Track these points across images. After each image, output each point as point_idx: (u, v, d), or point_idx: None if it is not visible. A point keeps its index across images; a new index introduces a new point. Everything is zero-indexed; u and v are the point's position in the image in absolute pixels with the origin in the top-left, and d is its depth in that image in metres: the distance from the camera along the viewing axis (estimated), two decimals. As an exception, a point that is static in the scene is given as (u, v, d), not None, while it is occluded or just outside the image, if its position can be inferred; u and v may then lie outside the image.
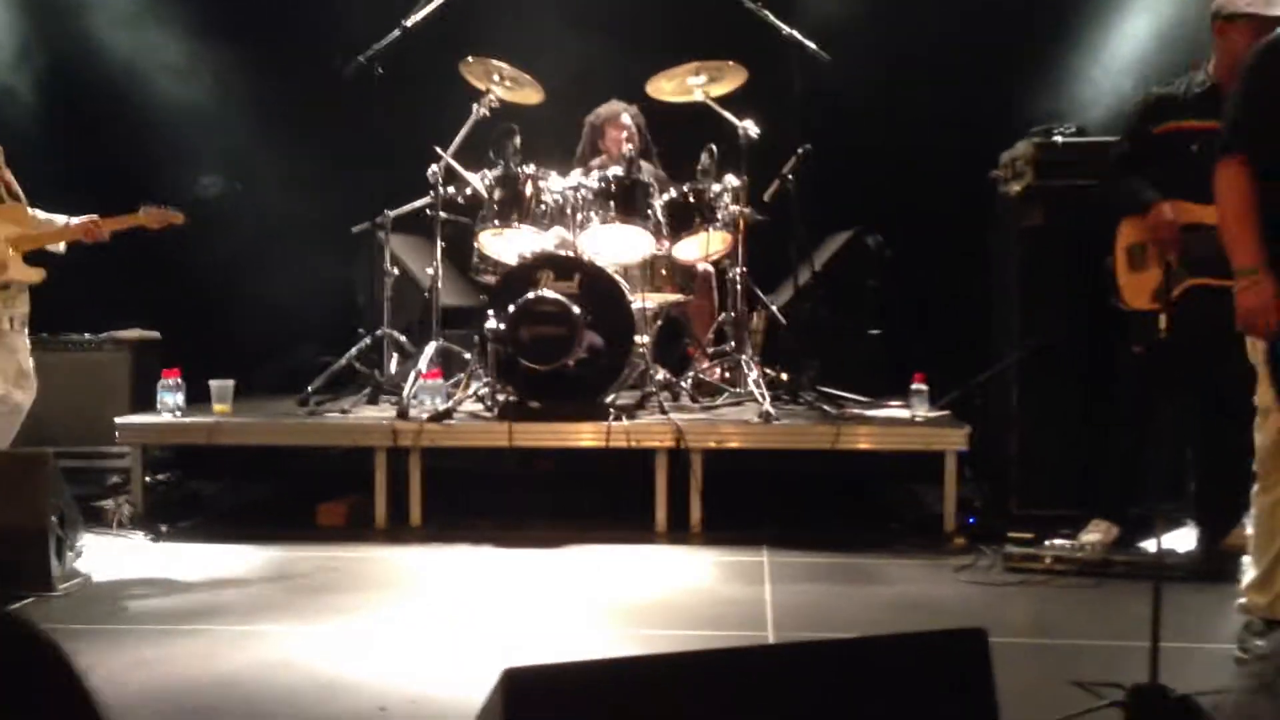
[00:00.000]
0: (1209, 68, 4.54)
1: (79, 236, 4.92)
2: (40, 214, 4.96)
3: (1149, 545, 4.39)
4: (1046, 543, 4.48)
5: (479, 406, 5.42)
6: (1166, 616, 2.87)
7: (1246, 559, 3.53)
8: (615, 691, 1.56)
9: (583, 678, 1.56)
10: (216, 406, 5.50)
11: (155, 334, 6.12)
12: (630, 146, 5.65)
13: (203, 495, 5.76)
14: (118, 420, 5.35)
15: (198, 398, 5.55)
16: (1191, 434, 4.69)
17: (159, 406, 5.41)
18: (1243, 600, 3.45)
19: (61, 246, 4.98)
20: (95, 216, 4.94)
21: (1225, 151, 3.36)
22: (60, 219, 4.97)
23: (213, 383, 5.51)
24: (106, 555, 4.64)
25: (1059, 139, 5.15)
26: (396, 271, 5.90)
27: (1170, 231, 4.43)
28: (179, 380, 5.43)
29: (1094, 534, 4.61)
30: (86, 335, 5.88)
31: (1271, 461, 3.36)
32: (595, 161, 6.02)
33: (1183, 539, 4.51)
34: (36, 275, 4.86)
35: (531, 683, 1.48)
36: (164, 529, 5.06)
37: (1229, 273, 3.82)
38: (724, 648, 1.59)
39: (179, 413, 5.39)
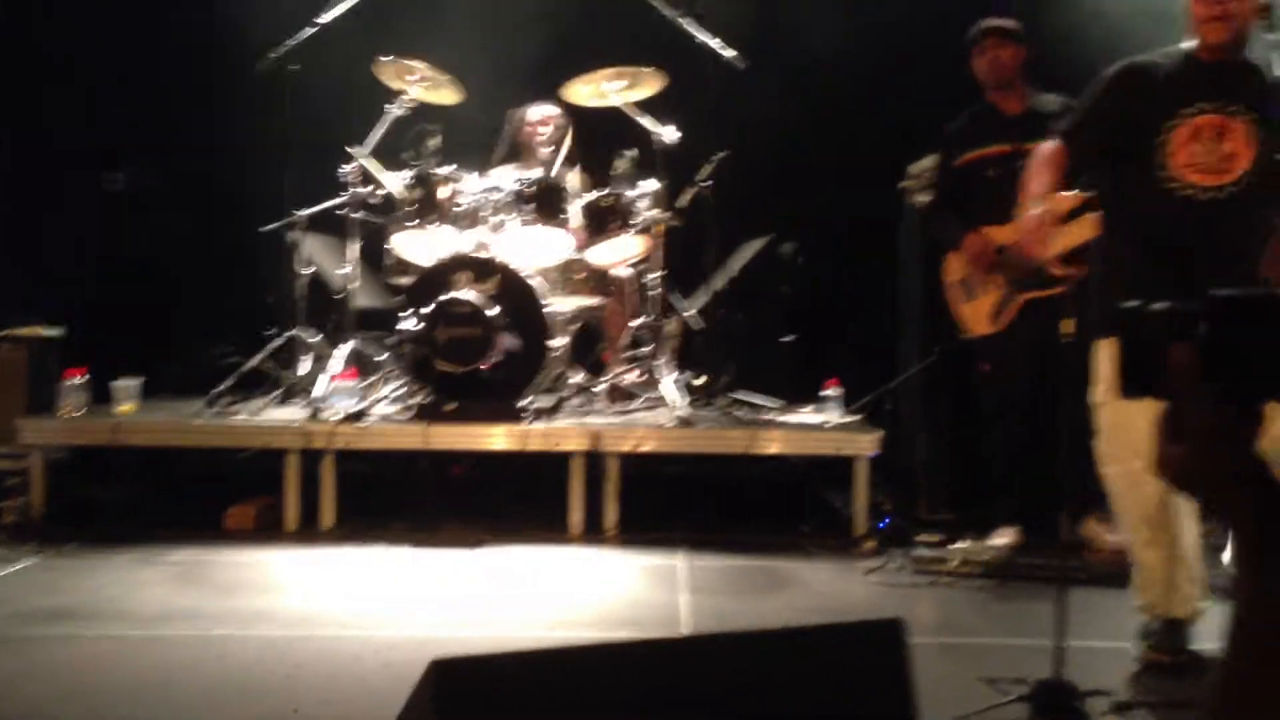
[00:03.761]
0: (986, 96, 4.84)
1: None
2: None
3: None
4: (954, 545, 4.58)
5: (393, 409, 5.37)
6: (1070, 616, 2.96)
7: None
8: (543, 680, 1.56)
9: (511, 667, 1.56)
10: (121, 407, 5.36)
11: (57, 331, 5.95)
12: (550, 140, 5.62)
13: (104, 500, 5.60)
14: (17, 420, 5.18)
15: (101, 399, 5.40)
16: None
17: (60, 406, 5.25)
18: (1139, 601, 3.55)
19: None
20: None
21: (1057, 133, 3.57)
22: None
23: (116, 382, 5.38)
24: (2, 558, 4.50)
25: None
26: (309, 271, 5.81)
27: (987, 256, 4.64)
28: (83, 379, 5.28)
29: (1002, 538, 4.72)
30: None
31: (1112, 442, 3.41)
32: (515, 163, 5.99)
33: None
34: None
35: (459, 673, 1.48)
36: (63, 532, 4.91)
37: (1047, 284, 4.05)
38: (649, 639, 1.60)
39: (81, 413, 5.25)
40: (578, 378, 5.70)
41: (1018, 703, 2.95)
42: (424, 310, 5.08)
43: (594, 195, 5.58)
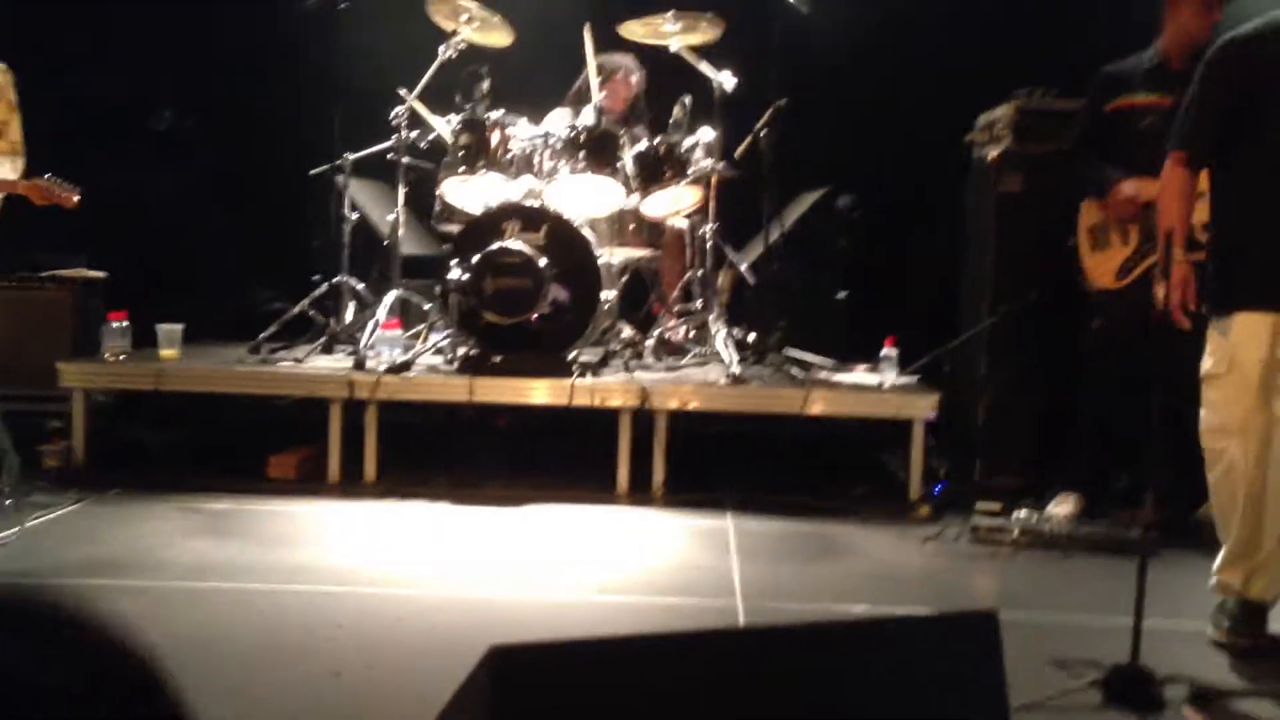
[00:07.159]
0: (1159, 43, 4.51)
1: None
2: None
3: (1120, 518, 4.36)
4: (1014, 514, 4.41)
5: (438, 359, 5.26)
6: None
7: None
8: (605, 670, 1.44)
9: (573, 656, 1.43)
10: (164, 351, 5.29)
11: (101, 274, 5.88)
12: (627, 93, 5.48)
13: (147, 444, 5.55)
14: (60, 363, 5.12)
15: (144, 342, 5.33)
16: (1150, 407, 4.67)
17: (103, 350, 5.19)
18: (1214, 580, 3.41)
19: None
20: None
21: (1172, 144, 3.44)
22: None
23: (160, 326, 5.30)
24: (45, 504, 4.45)
25: (1039, 103, 5.06)
26: (355, 217, 5.70)
27: (1132, 209, 4.42)
28: (125, 323, 5.21)
29: (1062, 506, 4.56)
30: (27, 273, 5.65)
31: (1211, 434, 3.37)
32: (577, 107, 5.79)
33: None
34: None
35: (519, 660, 1.35)
36: (105, 478, 4.86)
37: (1190, 248, 3.85)
38: (722, 628, 1.47)
39: (124, 357, 5.18)
40: (627, 331, 5.56)
41: (1091, 688, 2.80)
42: (472, 259, 4.95)
43: (648, 144, 5.41)
